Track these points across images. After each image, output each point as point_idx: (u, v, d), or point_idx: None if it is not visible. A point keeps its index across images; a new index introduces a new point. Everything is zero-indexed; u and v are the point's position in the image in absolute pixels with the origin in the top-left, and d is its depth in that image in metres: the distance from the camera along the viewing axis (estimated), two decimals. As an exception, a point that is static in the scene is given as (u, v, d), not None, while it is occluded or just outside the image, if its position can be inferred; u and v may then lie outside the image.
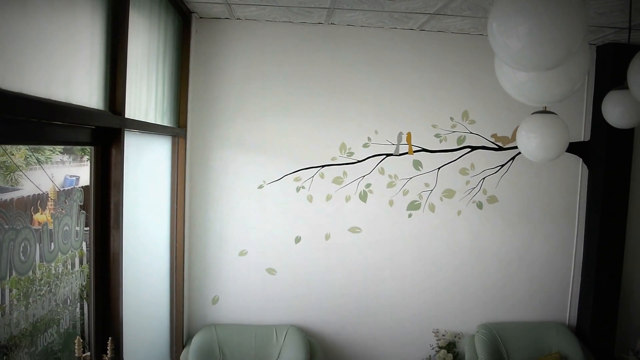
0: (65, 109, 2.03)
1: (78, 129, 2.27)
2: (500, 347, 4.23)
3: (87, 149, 2.52)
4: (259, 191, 4.19)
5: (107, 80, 2.48)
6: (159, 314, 3.68)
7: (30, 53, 1.82)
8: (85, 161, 2.63)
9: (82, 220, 2.46)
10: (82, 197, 2.41)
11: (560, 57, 1.55)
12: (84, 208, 2.49)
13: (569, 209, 4.52)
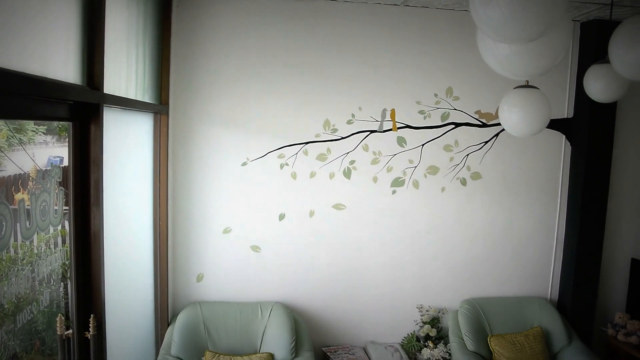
0: (40, 82, 1.98)
1: (55, 104, 2.22)
2: (483, 321, 4.28)
3: (67, 127, 2.48)
4: (242, 168, 4.16)
5: (84, 55, 2.43)
6: (143, 292, 3.67)
7: (2, 25, 1.77)
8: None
9: (61, 197, 2.43)
10: (60, 173, 2.38)
11: (541, 29, 1.54)
12: (64, 185, 2.46)
13: (552, 185, 4.55)
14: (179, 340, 3.79)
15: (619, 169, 4.59)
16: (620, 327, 4.39)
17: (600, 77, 2.69)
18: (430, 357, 4.22)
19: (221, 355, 3.73)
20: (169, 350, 3.78)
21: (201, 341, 3.86)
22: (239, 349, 3.89)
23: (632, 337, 4.26)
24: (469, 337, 4.15)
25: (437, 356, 4.19)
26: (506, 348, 4.07)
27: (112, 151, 2.87)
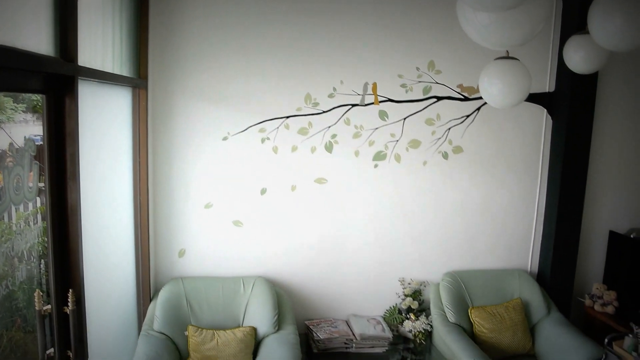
0: (10, 52, 1.92)
1: (26, 76, 2.17)
2: (464, 293, 4.33)
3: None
4: (223, 143, 4.12)
5: (57, 25, 2.36)
6: (124, 268, 3.65)
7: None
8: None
9: (36, 171, 2.39)
10: (34, 147, 2.33)
11: (519, -4, 1.52)
12: (39, 160, 2.42)
13: (533, 159, 4.58)
14: (161, 315, 3.79)
15: (599, 143, 4.62)
16: (597, 297, 4.47)
17: (579, 48, 2.68)
18: (412, 329, 4.27)
19: (204, 330, 3.74)
20: (152, 326, 3.78)
21: (184, 316, 3.86)
22: (221, 324, 3.90)
23: (608, 307, 4.34)
24: (450, 309, 4.20)
25: (419, 328, 4.25)
26: (486, 319, 4.13)
27: (89, 125, 2.82)
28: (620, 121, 4.65)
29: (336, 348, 4.11)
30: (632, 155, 4.73)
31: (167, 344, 3.68)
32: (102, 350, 3.09)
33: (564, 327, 4.14)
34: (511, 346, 4.11)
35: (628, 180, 4.76)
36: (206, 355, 3.64)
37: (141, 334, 3.71)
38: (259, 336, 3.85)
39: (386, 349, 4.17)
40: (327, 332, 4.14)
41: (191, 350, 3.68)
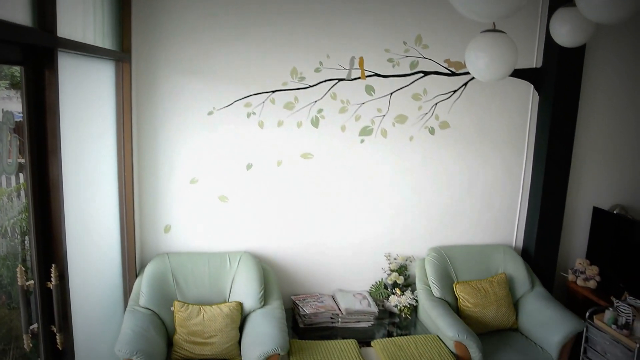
0: (-16, 20, 1.87)
1: (2, 46, 2.11)
2: (449, 268, 4.36)
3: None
4: (208, 117, 4.08)
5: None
6: (109, 243, 3.62)
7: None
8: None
9: (15, 144, 2.34)
10: (13, 120, 2.28)
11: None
12: (19, 134, 2.37)
13: (519, 135, 4.59)
14: (147, 291, 3.78)
15: (585, 119, 4.63)
16: (580, 272, 4.52)
17: (566, 21, 2.67)
18: (397, 304, 4.30)
19: (190, 305, 3.74)
20: (138, 302, 3.77)
21: (170, 292, 3.86)
22: (208, 299, 3.90)
23: (591, 281, 4.40)
24: (435, 284, 4.23)
25: (404, 303, 4.28)
26: (471, 294, 4.17)
27: (71, 99, 2.77)
28: (606, 97, 4.66)
29: (322, 323, 4.14)
30: (617, 131, 4.76)
31: (153, 320, 3.68)
32: (87, 325, 3.09)
33: (547, 301, 4.20)
34: (495, 320, 4.16)
35: (613, 157, 4.80)
36: (192, 331, 3.65)
37: (127, 310, 3.71)
38: (245, 311, 3.86)
39: (372, 324, 4.21)
40: (313, 307, 4.16)
41: (177, 325, 3.69)
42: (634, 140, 4.81)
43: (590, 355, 3.93)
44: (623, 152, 4.81)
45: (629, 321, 3.60)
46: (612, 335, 3.69)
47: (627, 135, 4.78)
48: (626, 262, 4.30)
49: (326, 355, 3.60)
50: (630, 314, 3.61)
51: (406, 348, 3.74)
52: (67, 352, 2.59)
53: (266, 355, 3.35)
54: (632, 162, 4.85)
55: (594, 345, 3.89)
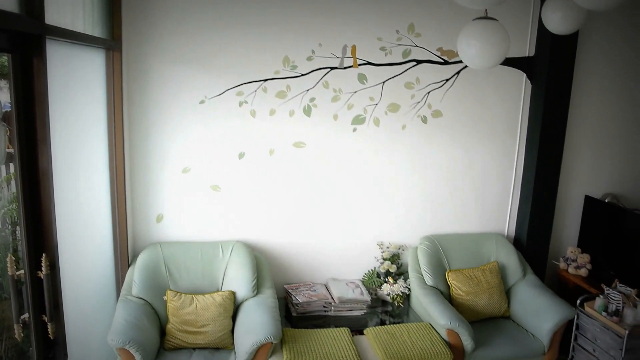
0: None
1: (-10, 33, 2.09)
2: (441, 257, 4.38)
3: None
4: (200, 106, 4.05)
5: (21, -20, 2.27)
6: (100, 233, 3.60)
7: None
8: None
9: (4, 133, 2.32)
10: (1, 109, 2.26)
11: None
12: (7, 122, 2.35)
13: (512, 124, 4.59)
14: (139, 280, 3.78)
15: (577, 108, 4.64)
16: (571, 260, 4.55)
17: (558, 8, 2.66)
18: (390, 292, 4.32)
19: (183, 295, 3.74)
20: (130, 291, 3.76)
21: (162, 281, 3.85)
22: (200, 288, 3.90)
23: (582, 269, 4.42)
24: (427, 273, 4.25)
25: (397, 291, 4.29)
26: (463, 282, 4.18)
27: (61, 88, 2.75)
28: (599, 85, 4.67)
29: (315, 311, 4.15)
30: (610, 120, 4.77)
31: (146, 309, 3.67)
32: (79, 315, 3.08)
33: (538, 289, 4.22)
34: (487, 308, 4.18)
35: (604, 145, 4.81)
36: (185, 320, 3.65)
37: (120, 299, 3.70)
38: (238, 300, 3.86)
39: (365, 312, 4.22)
40: (306, 296, 4.17)
41: (170, 314, 3.69)
42: (627, 129, 4.83)
43: (580, 342, 3.96)
44: (615, 141, 4.83)
45: (619, 308, 3.63)
46: (602, 322, 3.72)
47: (620, 124, 4.80)
48: (617, 250, 4.32)
49: (319, 344, 3.61)
50: (620, 301, 3.64)
51: (399, 336, 3.76)
52: (58, 342, 2.59)
53: (259, 344, 3.36)
54: (624, 151, 4.87)
55: (584, 332, 3.92)
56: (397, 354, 3.54)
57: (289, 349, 3.50)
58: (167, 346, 3.62)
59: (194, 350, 3.64)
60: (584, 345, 3.92)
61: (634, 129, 4.84)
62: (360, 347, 3.71)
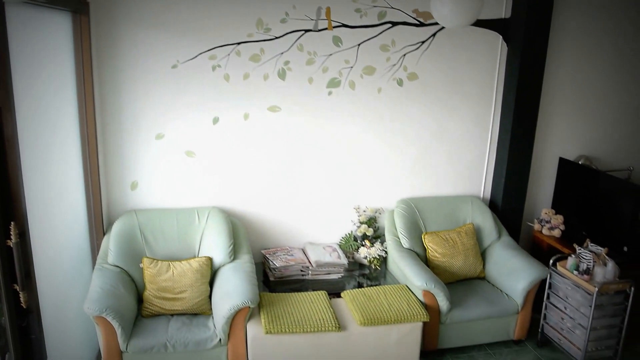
0: None
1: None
2: (418, 220, 4.41)
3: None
4: (173, 71, 3.96)
5: None
6: (73, 201, 3.54)
7: None
8: None
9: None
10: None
11: None
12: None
13: (488, 86, 4.58)
14: (115, 248, 3.75)
15: (553, 71, 4.64)
16: (545, 222, 4.61)
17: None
18: (367, 256, 4.35)
19: (159, 262, 3.72)
20: (106, 259, 3.74)
21: (138, 249, 3.83)
22: (177, 255, 3.88)
23: (555, 230, 4.49)
24: (404, 235, 4.28)
25: (374, 254, 4.33)
26: (439, 244, 4.23)
27: (24, 52, 2.66)
28: (574, 48, 4.67)
29: (292, 275, 4.17)
30: (585, 83, 4.78)
31: (122, 277, 3.66)
32: (53, 284, 3.04)
33: (513, 250, 4.29)
34: (463, 269, 4.24)
35: (579, 108, 4.84)
36: (162, 287, 3.64)
37: (95, 268, 3.68)
38: (215, 266, 3.86)
39: (342, 276, 4.26)
40: (283, 260, 4.18)
41: (147, 281, 3.67)
42: (601, 91, 4.85)
43: (553, 300, 4.04)
44: (589, 103, 4.85)
45: (590, 267, 3.70)
46: (574, 281, 3.80)
47: (594, 86, 4.82)
48: (589, 211, 4.39)
49: (296, 307, 3.63)
50: (591, 260, 3.71)
51: (375, 298, 3.80)
52: (32, 310, 2.56)
53: (236, 308, 3.37)
54: (598, 113, 4.91)
55: (556, 291, 4.01)
56: (374, 315, 3.58)
57: (266, 313, 3.52)
58: (145, 313, 3.62)
59: (172, 317, 3.64)
60: (556, 304, 4.01)
61: (608, 92, 4.87)
62: (338, 309, 3.75)
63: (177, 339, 3.41)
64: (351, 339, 3.55)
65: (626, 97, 4.93)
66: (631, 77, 4.88)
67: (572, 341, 3.87)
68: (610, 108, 4.92)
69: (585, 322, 3.71)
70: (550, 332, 4.10)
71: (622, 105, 4.94)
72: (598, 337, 3.76)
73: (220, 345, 3.50)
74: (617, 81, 4.86)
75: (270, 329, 3.39)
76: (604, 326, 3.76)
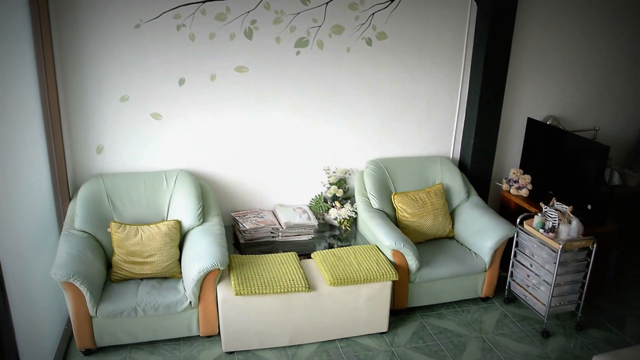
0: None
1: None
2: (387, 180, 4.42)
3: None
4: (136, 31, 3.84)
5: None
6: (35, 166, 3.44)
7: None
8: None
9: None
10: None
11: None
12: None
13: (457, 46, 4.56)
14: (81, 214, 3.69)
15: (522, 31, 4.63)
16: (513, 181, 4.67)
17: None
18: (337, 217, 4.37)
19: (127, 226, 3.68)
20: (73, 225, 3.68)
21: (106, 213, 3.77)
22: (145, 219, 3.84)
23: (523, 190, 4.55)
24: (373, 196, 4.29)
25: (344, 215, 4.34)
26: (408, 204, 4.26)
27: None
28: (543, 8, 4.65)
29: (263, 237, 4.17)
30: (553, 43, 4.79)
31: (90, 242, 3.62)
32: (16, 250, 2.97)
33: (481, 210, 4.34)
34: (432, 229, 4.29)
35: (547, 68, 4.86)
36: (131, 251, 3.61)
37: (62, 234, 3.62)
38: (184, 229, 3.83)
39: (312, 237, 4.27)
40: (253, 222, 4.18)
41: (115, 246, 3.63)
42: (569, 52, 4.87)
43: (519, 258, 4.12)
44: (558, 64, 4.87)
45: (555, 225, 3.77)
46: (539, 239, 3.87)
47: (563, 47, 4.83)
48: (556, 170, 4.45)
49: (266, 269, 3.64)
50: (557, 218, 3.78)
51: (345, 258, 3.82)
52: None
53: (205, 270, 3.37)
54: (567, 74, 4.93)
55: (523, 249, 4.08)
56: (344, 275, 3.61)
57: (236, 275, 3.52)
58: (114, 278, 3.60)
59: (142, 281, 3.63)
60: (522, 262, 4.09)
61: (576, 52, 4.89)
62: (308, 270, 3.77)
63: (147, 303, 3.41)
64: (321, 299, 3.59)
65: (593, 57, 4.96)
66: (598, 37, 4.90)
67: (537, 297, 3.97)
68: (578, 69, 4.95)
69: (549, 279, 3.80)
70: (516, 289, 4.20)
71: (589, 66, 4.98)
72: (561, 293, 3.86)
73: (190, 308, 3.50)
74: (584, 42, 4.88)
75: (240, 291, 3.40)
76: (567, 282, 3.85)
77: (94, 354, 3.52)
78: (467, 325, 4.00)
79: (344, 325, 3.71)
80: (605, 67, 5.04)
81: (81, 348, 3.45)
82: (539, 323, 4.05)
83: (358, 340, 3.78)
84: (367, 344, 3.74)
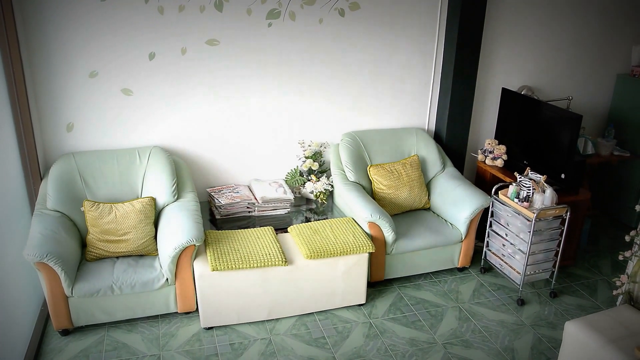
0: None
1: None
2: (363, 152, 4.41)
3: None
4: (102, 4, 3.73)
5: None
6: (3, 145, 3.35)
7: None
8: None
9: None
10: None
11: None
12: None
13: (431, 16, 4.52)
14: (54, 193, 3.63)
15: (496, 1, 4.60)
16: (488, 152, 4.69)
17: None
18: (313, 190, 4.36)
19: (101, 204, 3.63)
20: (45, 205, 3.63)
21: (78, 192, 3.72)
22: (119, 197, 3.80)
23: (498, 160, 4.58)
24: (349, 169, 4.29)
25: (320, 188, 4.34)
26: (384, 176, 4.26)
27: None
28: (516, -25, 4.64)
29: (239, 212, 4.15)
30: (527, 14, 4.77)
31: (63, 221, 3.57)
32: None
33: (457, 180, 4.36)
34: (408, 201, 4.30)
35: (522, 38, 4.85)
36: (105, 229, 3.57)
37: (34, 214, 3.57)
38: (158, 206, 3.79)
39: (288, 211, 4.27)
40: (229, 198, 4.15)
41: (89, 225, 3.59)
42: (542, 23, 4.86)
43: (495, 228, 4.17)
44: (532, 33, 4.87)
45: (529, 194, 3.81)
46: (514, 208, 3.91)
47: (537, 17, 4.82)
48: (530, 140, 4.48)
49: (243, 243, 3.63)
50: (531, 187, 3.81)
51: (321, 231, 3.83)
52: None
53: (181, 247, 3.35)
54: (541, 43, 4.94)
55: (498, 219, 4.12)
56: (320, 248, 3.62)
57: (212, 251, 3.51)
58: (89, 257, 3.56)
59: (117, 259, 3.60)
60: (497, 231, 4.14)
61: (549, 23, 4.89)
62: (284, 244, 3.77)
63: (123, 281, 3.39)
64: (298, 273, 3.59)
65: (566, 28, 4.97)
66: (569, 8, 4.90)
67: (513, 266, 4.03)
68: (552, 38, 4.96)
69: (524, 248, 3.85)
70: (492, 259, 4.26)
71: (563, 36, 4.99)
72: (536, 261, 3.93)
73: (167, 285, 3.49)
74: (557, 13, 4.87)
75: (217, 266, 3.39)
76: (541, 250, 3.91)
77: (71, 334, 3.50)
78: (444, 296, 4.06)
79: (321, 298, 3.73)
80: (577, 37, 5.05)
81: (58, 329, 3.43)
82: (514, 291, 4.11)
83: (336, 312, 3.81)
84: (345, 316, 3.78)
